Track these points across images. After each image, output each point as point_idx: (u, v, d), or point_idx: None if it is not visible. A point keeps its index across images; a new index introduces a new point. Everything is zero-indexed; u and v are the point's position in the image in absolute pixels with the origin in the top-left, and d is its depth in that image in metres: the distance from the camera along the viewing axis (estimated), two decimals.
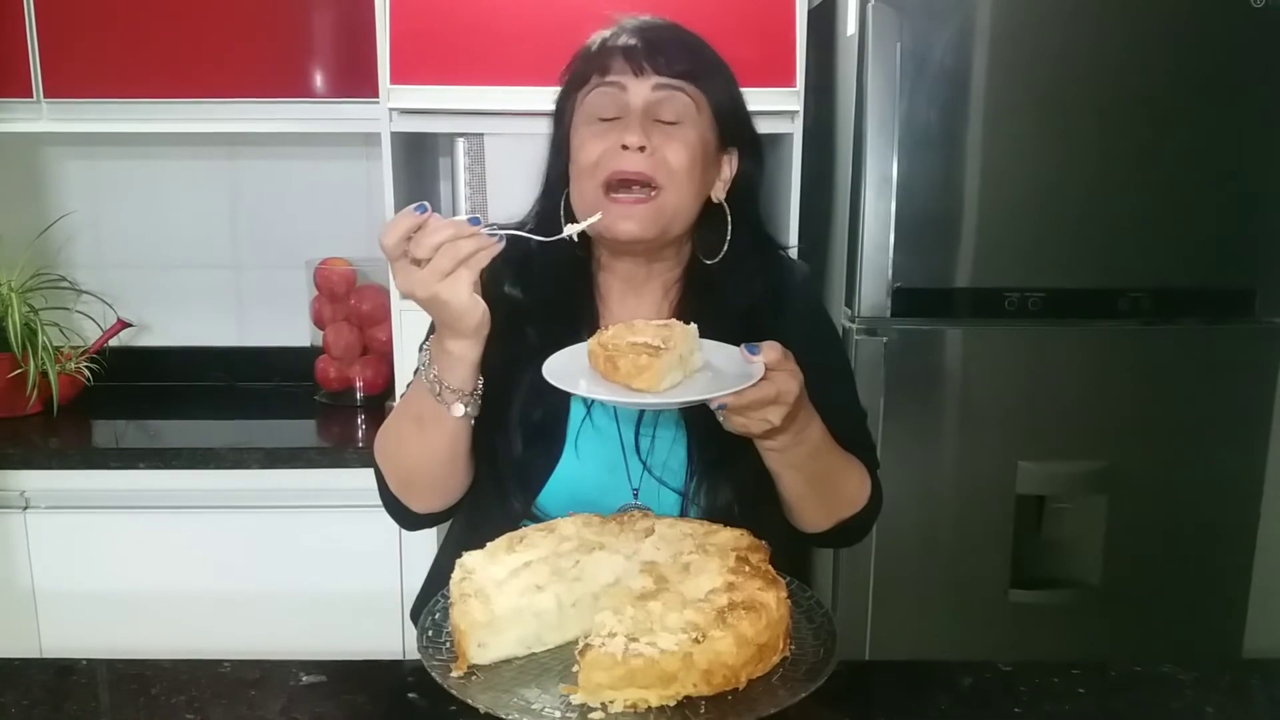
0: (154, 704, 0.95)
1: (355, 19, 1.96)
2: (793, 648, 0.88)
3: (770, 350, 0.90)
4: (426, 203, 0.89)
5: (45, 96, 2.03)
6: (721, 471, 1.06)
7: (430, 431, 1.01)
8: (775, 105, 1.89)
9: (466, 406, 0.99)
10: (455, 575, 0.92)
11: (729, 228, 1.09)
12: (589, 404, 1.09)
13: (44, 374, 2.05)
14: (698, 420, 1.04)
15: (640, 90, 1.03)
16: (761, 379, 0.89)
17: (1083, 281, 1.81)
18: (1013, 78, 1.75)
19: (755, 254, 1.12)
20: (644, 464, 1.08)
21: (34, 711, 0.93)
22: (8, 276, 2.07)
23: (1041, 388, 1.83)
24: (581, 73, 1.07)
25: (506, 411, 1.06)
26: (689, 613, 0.83)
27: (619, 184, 1.02)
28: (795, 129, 1.90)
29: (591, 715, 0.79)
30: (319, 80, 2.06)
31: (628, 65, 1.03)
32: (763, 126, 1.94)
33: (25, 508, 1.90)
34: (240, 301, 2.42)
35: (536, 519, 1.09)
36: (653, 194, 1.02)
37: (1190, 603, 1.90)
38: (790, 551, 1.09)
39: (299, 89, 2.05)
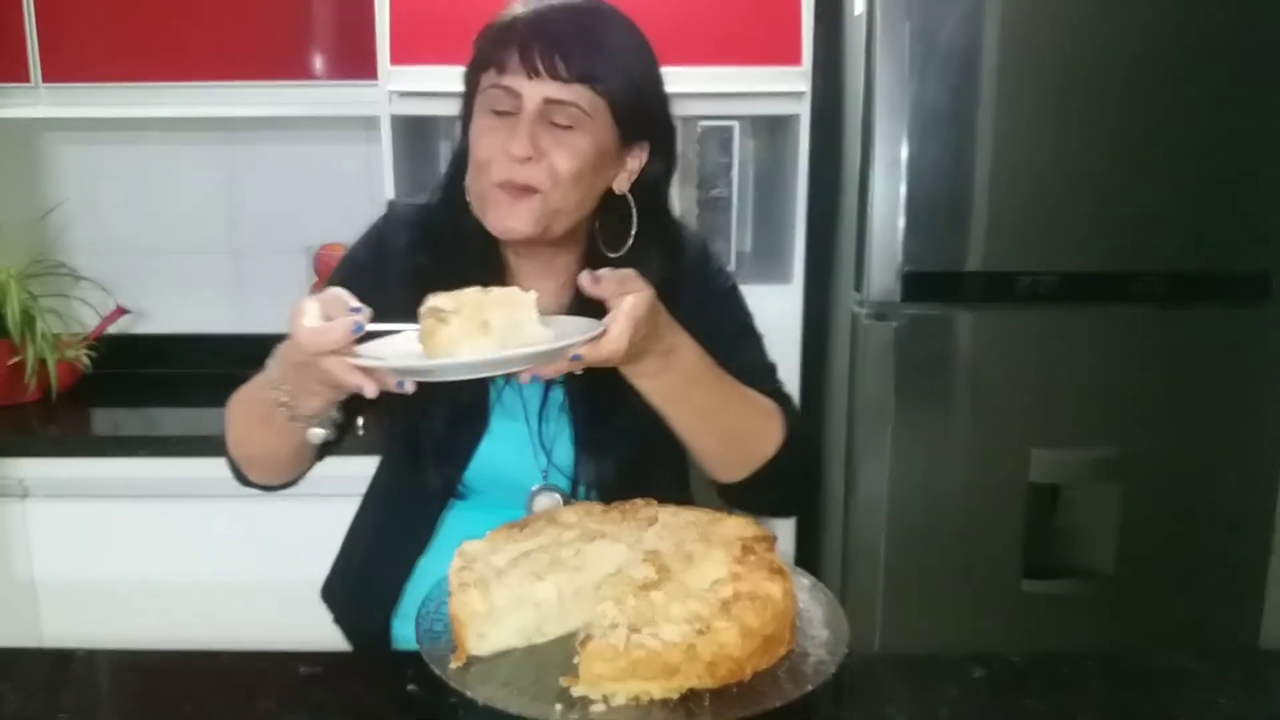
0: (151, 695, 0.94)
1: None
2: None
3: (607, 282, 0.89)
4: (362, 316, 0.85)
5: (43, 81, 2.01)
6: (603, 447, 1.07)
7: (276, 437, 1.00)
8: (782, 85, 1.86)
9: (326, 430, 0.97)
10: (455, 564, 0.90)
11: (634, 220, 1.07)
12: (501, 383, 1.09)
13: (42, 361, 2.04)
14: (578, 397, 1.07)
15: (533, 96, 0.99)
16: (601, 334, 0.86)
17: (1096, 265, 1.78)
18: (1024, 57, 1.72)
19: (658, 242, 1.09)
20: (543, 445, 1.08)
21: (31, 701, 0.92)
22: (6, 263, 2.06)
23: (1054, 373, 1.80)
24: (483, 58, 1.04)
25: (430, 390, 0.99)
26: (692, 603, 0.81)
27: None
28: (802, 109, 1.87)
29: (593, 708, 0.77)
30: (317, 62, 2.03)
31: (522, 67, 0.99)
32: (769, 107, 1.96)
33: (24, 496, 1.89)
34: (239, 288, 2.40)
35: (460, 496, 1.10)
36: (536, 195, 1.00)
37: (1206, 592, 1.87)
38: None
39: (297, 71, 2.02)
